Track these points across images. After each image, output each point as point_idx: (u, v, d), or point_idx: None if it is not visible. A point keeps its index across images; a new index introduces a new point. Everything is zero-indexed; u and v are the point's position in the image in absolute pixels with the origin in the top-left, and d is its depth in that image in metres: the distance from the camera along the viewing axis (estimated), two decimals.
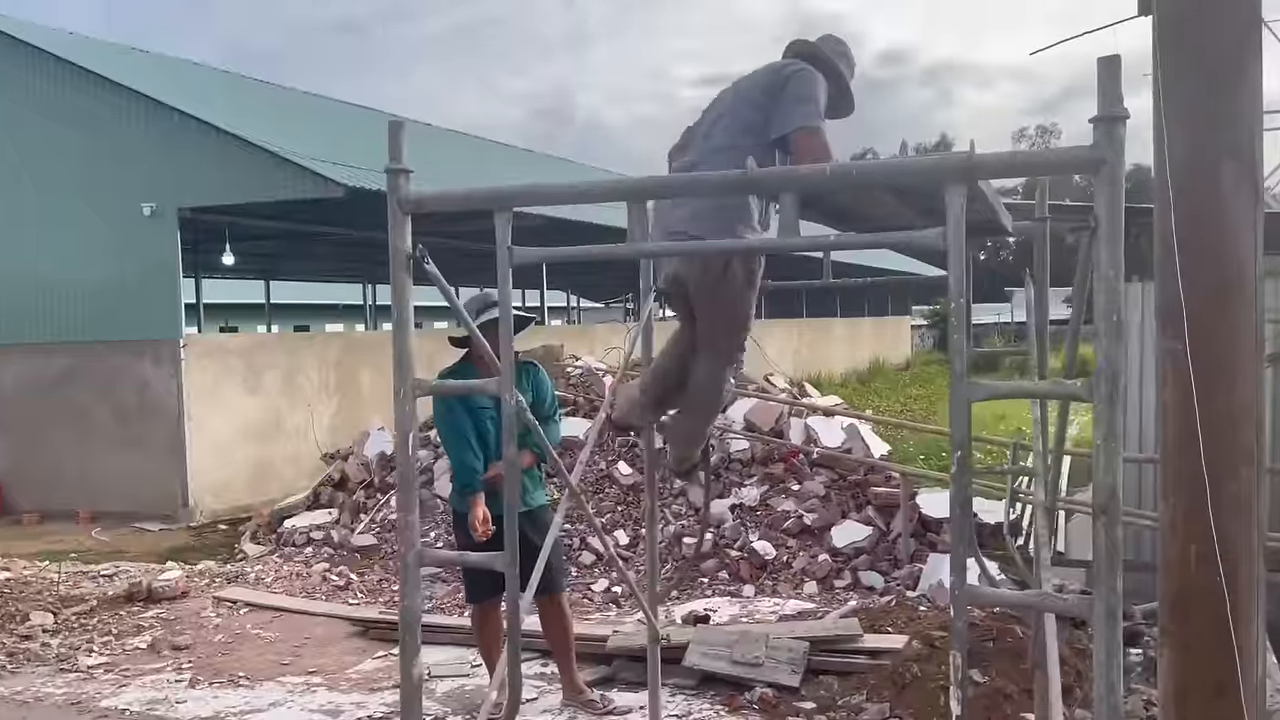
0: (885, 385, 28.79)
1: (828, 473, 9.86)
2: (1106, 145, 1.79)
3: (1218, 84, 2.58)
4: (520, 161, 25.50)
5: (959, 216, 1.87)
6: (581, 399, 11.58)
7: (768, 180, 1.98)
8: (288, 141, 12.95)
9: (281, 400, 13.61)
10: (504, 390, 2.24)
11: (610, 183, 2.13)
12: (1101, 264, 1.80)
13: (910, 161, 1.89)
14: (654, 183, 2.15)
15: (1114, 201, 1.80)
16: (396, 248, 2.28)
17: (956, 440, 1.89)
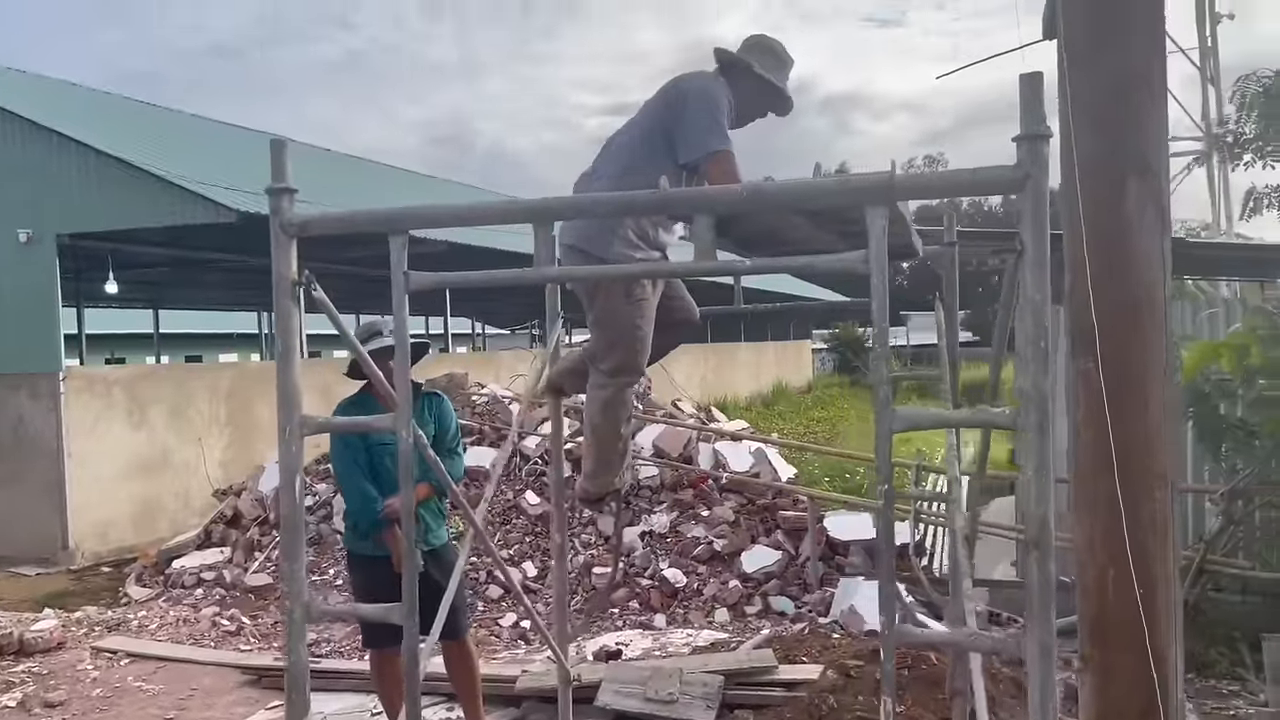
0: (788, 408, 29.11)
1: (736, 497, 9.82)
2: (1031, 163, 1.73)
3: (1124, 105, 2.58)
4: (421, 187, 25.10)
5: (880, 238, 1.79)
6: (487, 428, 11.33)
7: (681, 201, 1.87)
8: (176, 165, 12.45)
9: (169, 434, 12.99)
10: (399, 425, 2.07)
11: (509, 204, 1.99)
12: (1028, 288, 1.74)
13: (828, 182, 1.81)
14: (559, 203, 2.02)
15: (1039, 222, 1.74)
16: (280, 274, 2.10)
17: (881, 473, 1.79)
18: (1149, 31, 2.63)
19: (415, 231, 11.41)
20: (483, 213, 2.00)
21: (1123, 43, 2.62)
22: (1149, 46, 2.63)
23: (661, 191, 1.87)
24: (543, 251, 2.02)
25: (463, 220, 2.02)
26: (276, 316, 2.11)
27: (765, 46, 3.62)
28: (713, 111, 3.33)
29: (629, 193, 1.92)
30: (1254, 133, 4.99)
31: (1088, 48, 2.65)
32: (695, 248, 1.92)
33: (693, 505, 9.73)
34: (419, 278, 2.05)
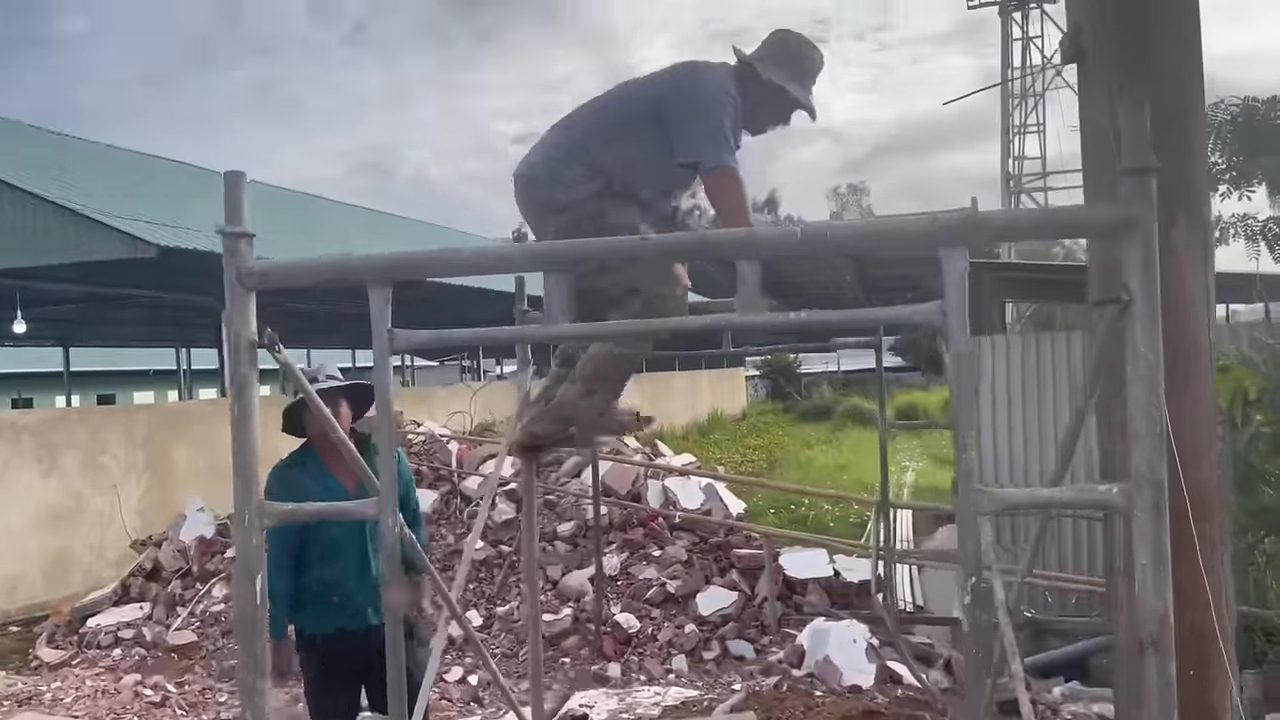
0: (725, 436, 28.97)
1: (689, 536, 9.53)
2: (1138, 202, 1.48)
3: (1173, 134, 2.37)
4: (352, 219, 24.48)
5: (960, 285, 1.53)
6: (425, 468, 10.87)
7: (726, 245, 1.59)
8: (92, 198, 11.81)
9: (82, 481, 12.23)
10: (384, 513, 1.73)
11: (513, 250, 1.69)
12: (1138, 347, 1.49)
13: (897, 222, 1.53)
14: (568, 250, 1.71)
15: (1149, 269, 1.50)
16: (237, 333, 1.75)
17: (967, 567, 1.52)
18: (1188, 57, 2.44)
19: None
20: (482, 260, 1.69)
21: (1162, 67, 2.42)
22: (1189, 72, 2.44)
23: (703, 233, 1.58)
24: (554, 304, 1.71)
25: (461, 269, 1.70)
26: (233, 381, 1.77)
27: (783, 46, 3.33)
28: (718, 115, 3.06)
29: (668, 236, 1.63)
30: (1225, 163, 4.97)
31: (1122, 68, 2.45)
32: (739, 296, 1.64)
33: (643, 545, 9.40)
34: (406, 336, 1.72)
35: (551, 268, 1.67)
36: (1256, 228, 5.27)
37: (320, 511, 2.43)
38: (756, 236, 1.59)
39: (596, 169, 3.22)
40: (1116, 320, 1.53)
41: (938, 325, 1.56)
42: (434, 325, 9.80)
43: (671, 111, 3.13)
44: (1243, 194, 4.99)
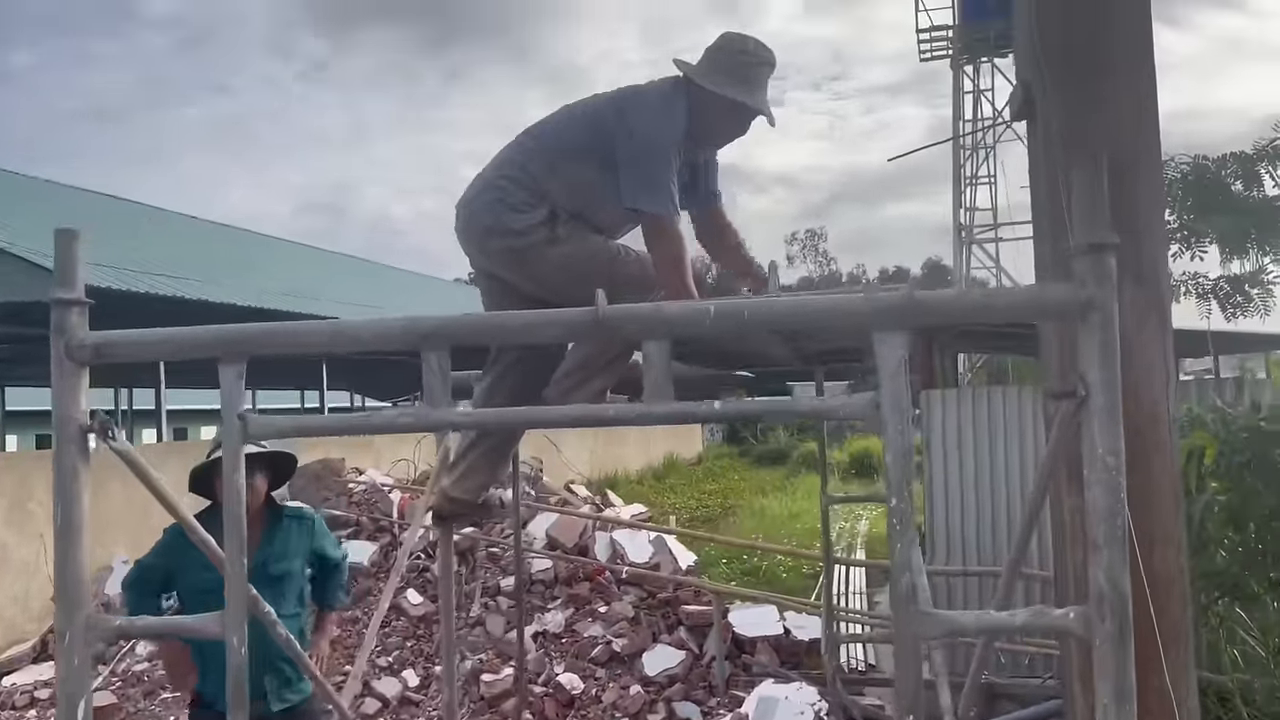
0: (680, 481, 28.69)
1: (636, 591, 9.25)
2: (1095, 281, 1.30)
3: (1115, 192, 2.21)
4: (298, 258, 24.07)
5: (896, 375, 1.33)
6: (365, 519, 10.49)
7: (628, 324, 1.38)
8: (22, 236, 11.41)
9: (8, 530, 11.68)
10: (230, 629, 1.48)
11: (395, 325, 1.46)
12: (1097, 447, 1.30)
13: (826, 302, 1.33)
14: (464, 325, 1.49)
15: (1109, 358, 1.31)
16: (65, 415, 1.51)
17: (904, 698, 1.31)
18: (1138, 109, 2.30)
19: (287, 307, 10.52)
20: (358, 335, 1.46)
21: (1111, 121, 2.27)
22: (1138, 126, 2.29)
23: (600, 310, 1.37)
24: (436, 383, 1.48)
25: (330, 345, 1.48)
26: (57, 474, 1.51)
27: (727, 52, 3.12)
28: (657, 157, 2.93)
29: (563, 313, 1.42)
30: (1178, 222, 4.91)
31: (1071, 127, 2.30)
32: (646, 381, 1.43)
33: (589, 601, 9.11)
34: (262, 424, 1.48)
35: (432, 345, 1.45)
36: (1208, 286, 5.21)
37: (157, 628, 2.16)
38: (661, 315, 1.38)
39: (540, 195, 3.09)
40: (1072, 415, 1.34)
41: (870, 419, 1.36)
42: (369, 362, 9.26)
43: (616, 149, 3.01)
44: (1194, 253, 4.92)
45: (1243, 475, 3.73)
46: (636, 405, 1.42)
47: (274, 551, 3.60)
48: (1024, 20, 2.46)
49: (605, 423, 1.44)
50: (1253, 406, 4.10)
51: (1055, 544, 2.48)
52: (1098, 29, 2.29)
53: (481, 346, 1.61)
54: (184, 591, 3.58)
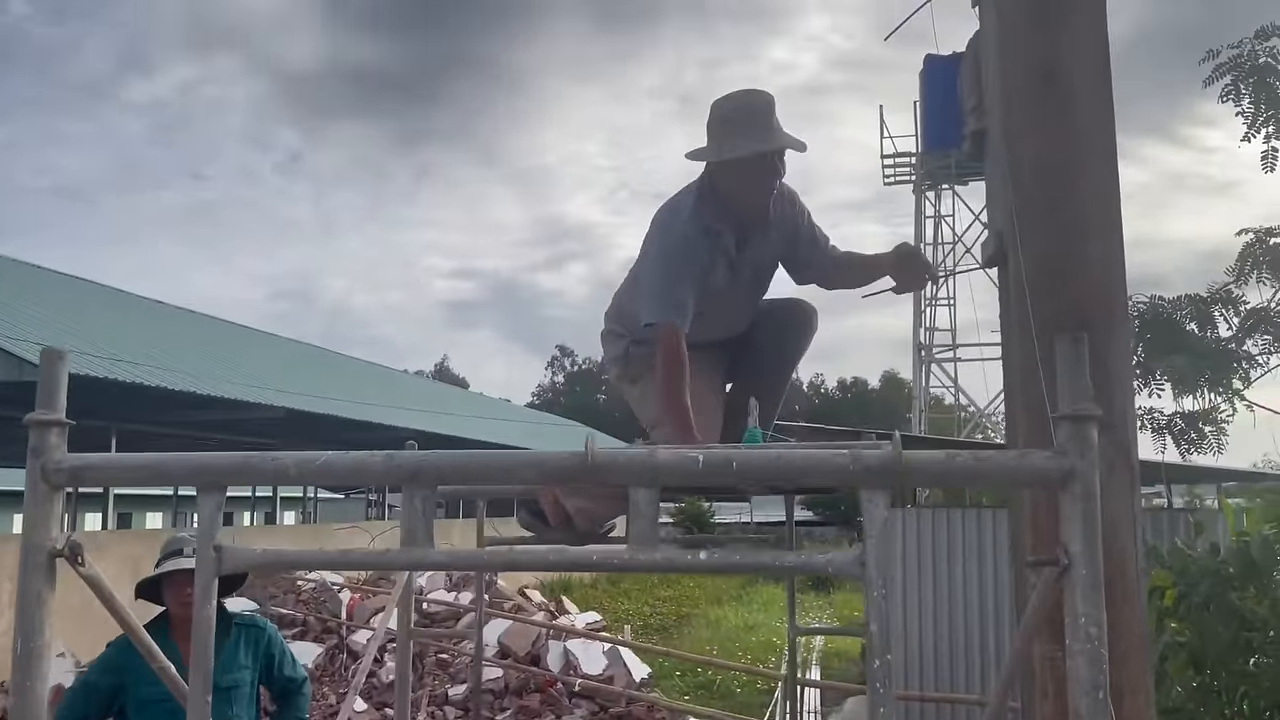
0: (635, 585, 28.25)
1: (588, 704, 9.03)
2: (1077, 451, 1.33)
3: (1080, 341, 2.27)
4: (262, 346, 23.89)
5: (884, 533, 1.34)
6: (313, 619, 10.20)
7: (617, 470, 1.39)
8: None
9: None
10: None
11: (373, 462, 1.45)
12: (1079, 616, 1.31)
13: (813, 457, 1.34)
14: (443, 462, 1.48)
15: (1090, 530, 1.33)
16: (35, 542, 1.47)
17: None
18: (1108, 265, 2.37)
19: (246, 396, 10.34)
20: (334, 468, 1.45)
21: (1083, 278, 2.35)
22: (1109, 282, 2.37)
23: (586, 456, 1.37)
24: (417, 524, 1.47)
25: (305, 477, 1.46)
26: (21, 600, 1.47)
27: (719, 116, 2.96)
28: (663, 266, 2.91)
29: (549, 457, 1.42)
30: (1135, 360, 5.06)
31: (1044, 282, 2.37)
32: (631, 529, 1.43)
33: (540, 713, 8.86)
34: (236, 555, 1.46)
35: (414, 484, 1.44)
36: (1163, 422, 5.34)
37: None
38: (650, 462, 1.39)
39: (621, 328, 3.18)
40: (1054, 583, 1.35)
41: (856, 576, 1.37)
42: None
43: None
44: (1151, 390, 5.05)
45: (1202, 616, 3.77)
46: (621, 551, 1.42)
47: (223, 662, 3.47)
48: (996, 172, 2.56)
49: (589, 568, 1.43)
50: (1211, 549, 4.17)
51: (1023, 687, 2.46)
52: (1070, 188, 2.38)
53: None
54: (133, 704, 3.42)
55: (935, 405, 28.48)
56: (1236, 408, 5.58)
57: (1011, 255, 2.40)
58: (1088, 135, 2.41)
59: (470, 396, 46.09)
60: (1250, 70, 5.78)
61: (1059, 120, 2.41)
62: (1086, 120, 2.41)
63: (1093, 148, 2.41)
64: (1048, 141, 2.42)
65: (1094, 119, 2.42)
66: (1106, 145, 2.45)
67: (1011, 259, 2.40)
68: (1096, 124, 2.43)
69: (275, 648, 3.78)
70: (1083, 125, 2.41)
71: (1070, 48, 2.44)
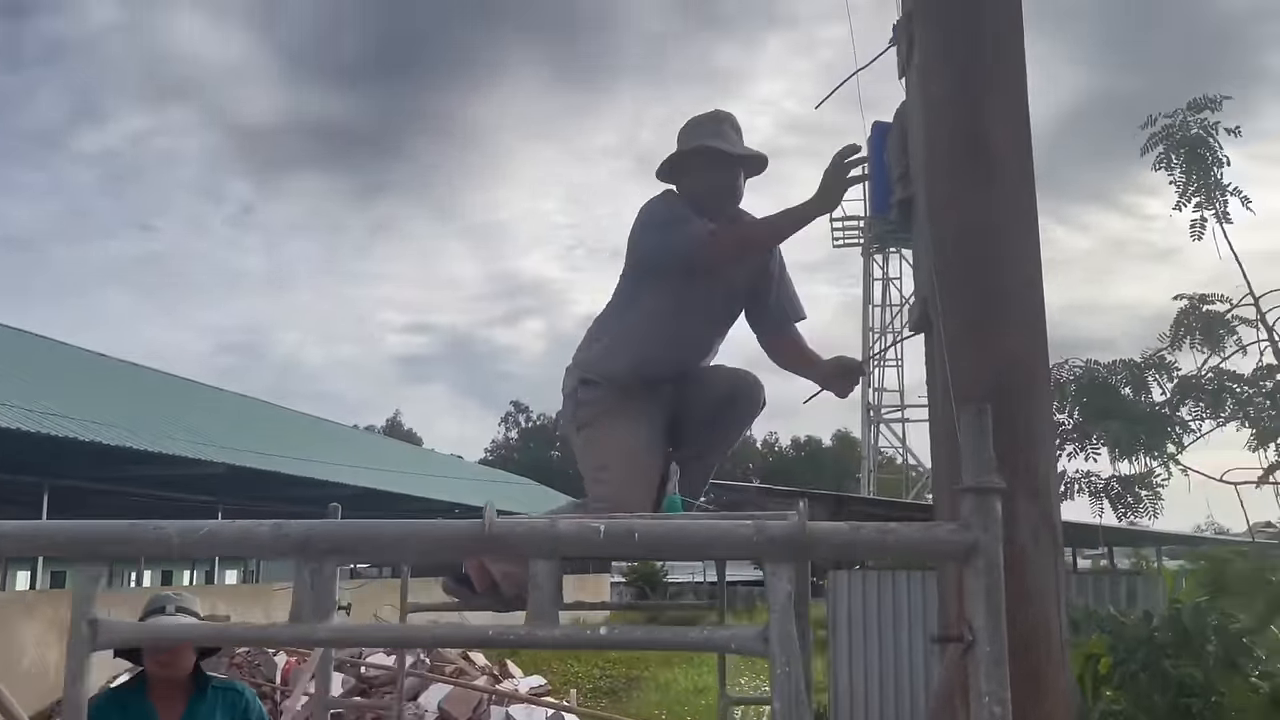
0: None
1: None
2: (980, 524, 1.31)
3: (1004, 405, 2.27)
4: (205, 399, 23.46)
5: (786, 608, 1.30)
6: (247, 683, 9.86)
7: (518, 540, 1.34)
8: None
9: None
10: None
11: (260, 532, 1.39)
12: (983, 694, 1.27)
13: (717, 529, 1.30)
14: (346, 533, 1.42)
15: (994, 605, 1.30)
16: None
17: None
18: (1031, 333, 2.39)
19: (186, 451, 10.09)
20: (221, 538, 1.39)
21: (1004, 346, 2.36)
22: (1031, 350, 2.38)
23: (485, 525, 1.32)
24: (305, 597, 1.41)
25: (190, 550, 1.39)
26: None
27: (689, 126, 3.16)
28: (655, 219, 2.99)
29: (447, 526, 1.37)
30: (1073, 423, 5.12)
31: (963, 338, 2.37)
32: (531, 602, 1.37)
33: None
34: (111, 630, 1.38)
35: (305, 556, 1.38)
36: (1099, 485, 5.37)
37: None
38: (550, 532, 1.34)
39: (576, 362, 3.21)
40: (959, 660, 1.32)
41: (760, 653, 1.32)
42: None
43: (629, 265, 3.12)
44: (1088, 454, 5.09)
45: (1138, 684, 3.75)
46: (519, 629, 1.36)
47: None
48: (922, 239, 2.58)
49: (485, 644, 1.37)
50: (1145, 616, 4.17)
51: None
52: (991, 255, 2.40)
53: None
54: None
55: (885, 465, 28.65)
56: (1171, 472, 5.65)
57: (935, 321, 2.41)
58: (1010, 204, 2.44)
59: (422, 453, 45.55)
60: (1182, 141, 5.95)
61: (981, 189, 2.44)
62: (1008, 189, 2.44)
63: (1014, 216, 2.44)
64: (970, 210, 2.45)
65: (1016, 188, 2.45)
66: (1028, 213, 2.48)
67: (934, 325, 2.41)
68: (1018, 193, 2.46)
69: (253, 714, 3.63)
70: (1005, 194, 2.44)
71: (992, 119, 2.48)
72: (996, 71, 2.49)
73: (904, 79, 2.88)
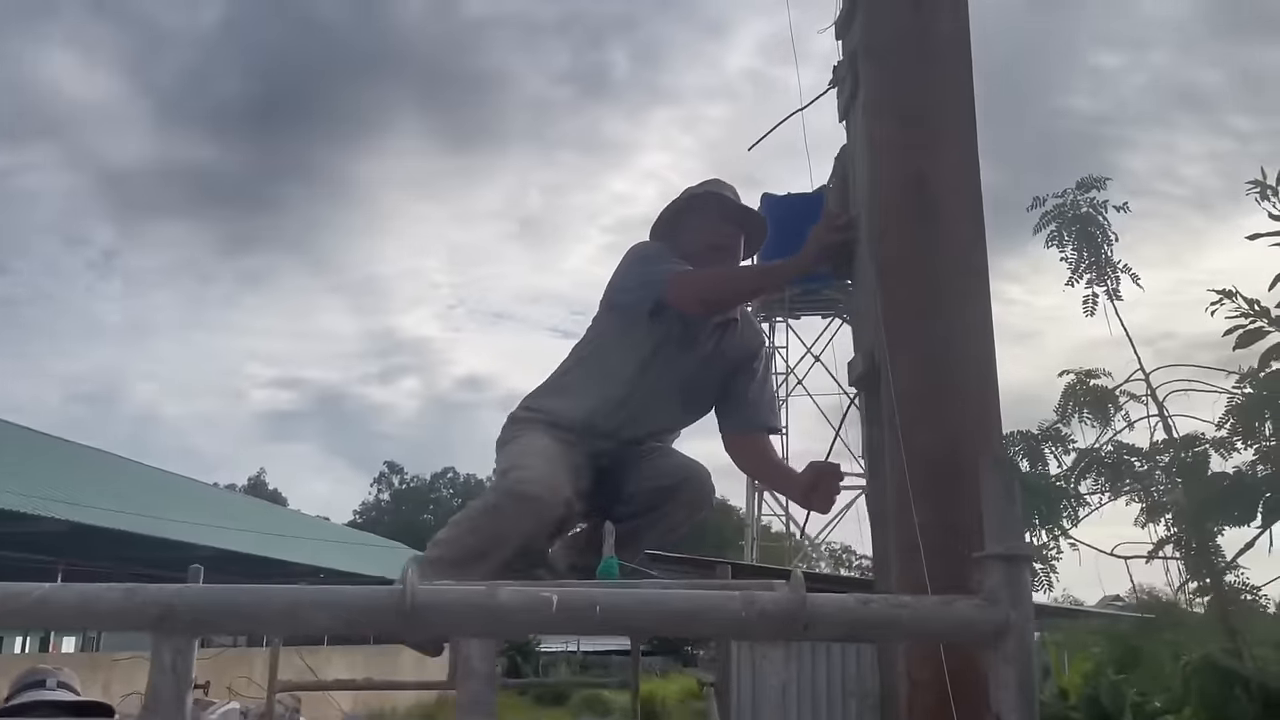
0: (511, 713, 26.76)
1: None
2: (1010, 598, 1.10)
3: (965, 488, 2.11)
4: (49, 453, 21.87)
5: (782, 699, 1.06)
6: None
7: (443, 615, 1.06)
8: None
9: None
10: None
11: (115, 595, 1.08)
12: None
13: (703, 600, 1.05)
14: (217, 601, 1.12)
15: (1026, 695, 1.09)
16: None
17: None
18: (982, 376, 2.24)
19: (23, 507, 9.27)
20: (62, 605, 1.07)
21: (956, 390, 2.20)
22: (983, 393, 2.23)
23: (406, 596, 1.04)
24: (164, 682, 1.09)
25: (17, 619, 1.07)
26: None
27: (692, 189, 3.04)
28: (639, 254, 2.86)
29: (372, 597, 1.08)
30: None
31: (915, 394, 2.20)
32: (460, 691, 1.09)
33: None
34: None
35: (162, 630, 1.07)
36: None
37: None
38: (492, 603, 1.07)
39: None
40: None
41: None
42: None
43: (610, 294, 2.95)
44: None
45: None
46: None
47: None
48: (866, 289, 2.44)
49: None
50: (1060, 693, 4.07)
51: None
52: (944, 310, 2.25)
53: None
54: None
55: (764, 533, 28.75)
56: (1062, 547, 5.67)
57: (884, 374, 2.24)
58: (961, 252, 2.30)
59: (286, 513, 43.64)
60: (1072, 219, 6.08)
61: (934, 239, 2.29)
62: (959, 238, 2.30)
63: (966, 266, 2.30)
64: (921, 261, 2.30)
65: (966, 236, 2.32)
66: (979, 263, 2.35)
67: (884, 378, 2.24)
68: (969, 242, 2.32)
69: None
70: (956, 243, 2.30)
71: (942, 164, 2.35)
72: (947, 115, 2.37)
73: (844, 121, 2.76)
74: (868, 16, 2.51)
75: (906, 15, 2.42)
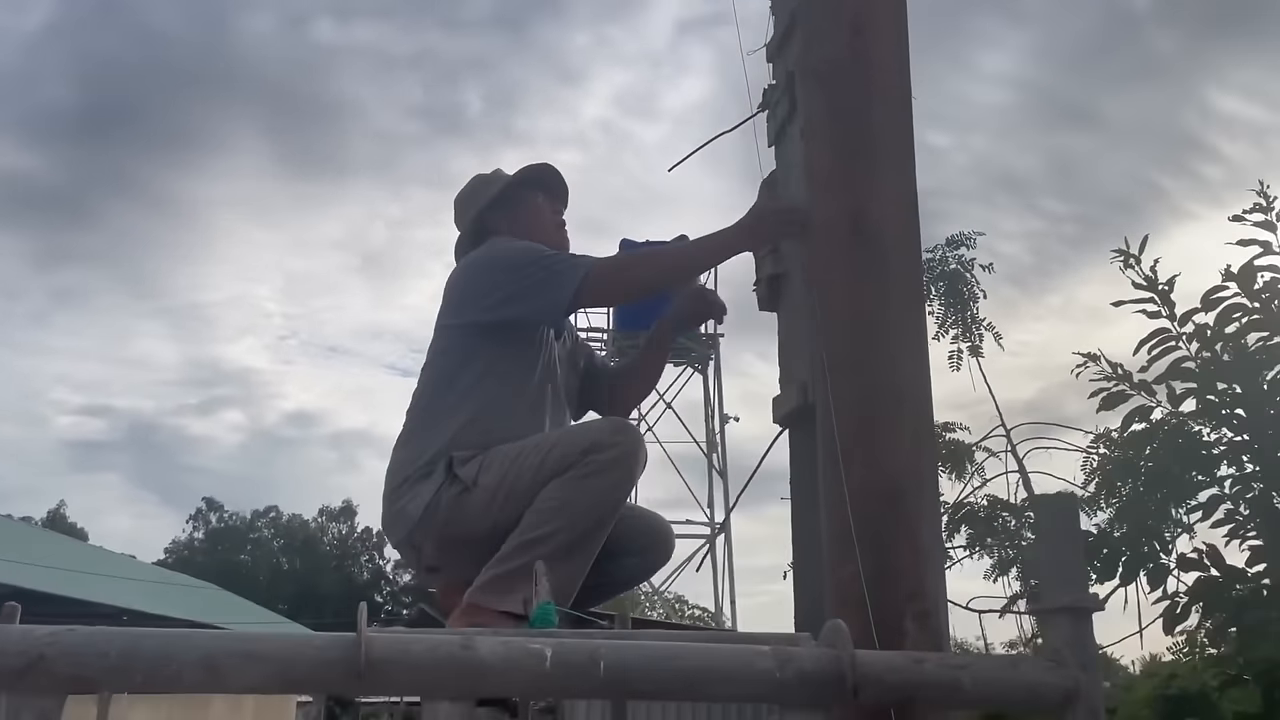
0: None
1: None
2: (1077, 659, 0.94)
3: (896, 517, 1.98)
4: None
5: None
6: None
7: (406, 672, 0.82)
8: None
9: None
10: None
11: None
12: None
13: (719, 657, 0.84)
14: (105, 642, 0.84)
15: None
16: None
17: None
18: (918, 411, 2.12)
19: None
20: None
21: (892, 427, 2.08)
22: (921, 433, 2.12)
23: (360, 651, 0.79)
24: None
25: None
26: None
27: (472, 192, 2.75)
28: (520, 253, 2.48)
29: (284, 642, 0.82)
30: None
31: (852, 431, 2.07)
32: None
33: None
34: None
35: (17, 689, 0.78)
36: None
37: None
38: (470, 658, 0.83)
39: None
40: None
41: None
42: None
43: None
44: None
45: None
46: None
47: None
48: (798, 320, 2.32)
49: None
50: None
51: None
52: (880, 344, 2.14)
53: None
54: None
55: None
56: None
57: (819, 408, 2.10)
58: (897, 285, 2.20)
59: (88, 549, 40.39)
60: (941, 275, 6.20)
61: (873, 271, 2.17)
62: (896, 270, 2.20)
63: (903, 298, 2.20)
64: (858, 291, 2.19)
65: (903, 269, 2.22)
66: (915, 295, 2.26)
67: (819, 412, 2.10)
68: (906, 274, 2.23)
69: None
70: (892, 275, 2.20)
71: (879, 195, 2.25)
72: (888, 143, 2.28)
73: (774, 147, 2.65)
74: (807, 37, 2.40)
75: (847, 39, 2.33)
